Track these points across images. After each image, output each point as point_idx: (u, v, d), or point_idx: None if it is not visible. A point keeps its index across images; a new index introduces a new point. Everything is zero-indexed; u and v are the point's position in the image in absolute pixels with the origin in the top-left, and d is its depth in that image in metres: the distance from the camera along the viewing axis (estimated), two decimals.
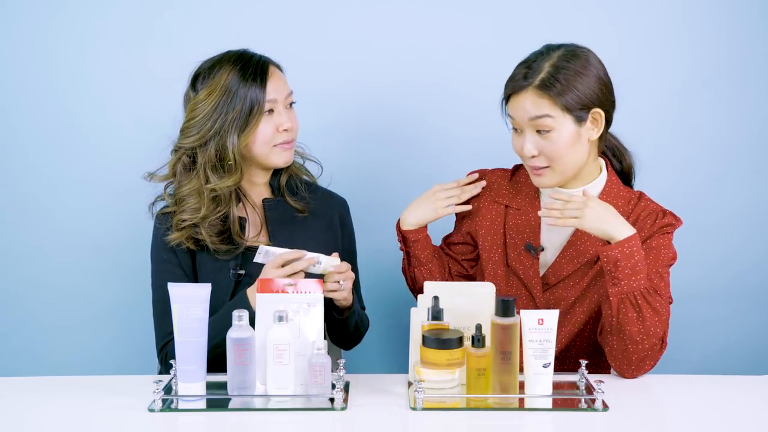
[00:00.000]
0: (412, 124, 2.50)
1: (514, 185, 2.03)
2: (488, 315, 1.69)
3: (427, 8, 2.46)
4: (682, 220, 1.93)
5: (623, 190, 1.96)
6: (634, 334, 1.78)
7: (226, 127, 1.89)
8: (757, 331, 2.59)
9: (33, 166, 2.48)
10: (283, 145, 1.95)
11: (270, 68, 1.95)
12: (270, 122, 1.93)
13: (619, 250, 1.77)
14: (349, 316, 1.94)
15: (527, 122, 1.84)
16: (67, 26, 2.44)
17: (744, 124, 2.52)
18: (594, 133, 1.87)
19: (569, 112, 1.82)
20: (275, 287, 1.72)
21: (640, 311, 1.77)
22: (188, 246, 1.93)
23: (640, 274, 1.77)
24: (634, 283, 1.77)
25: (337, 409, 1.63)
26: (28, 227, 2.49)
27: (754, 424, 1.62)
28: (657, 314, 1.78)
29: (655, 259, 1.87)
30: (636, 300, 1.77)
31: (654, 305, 1.78)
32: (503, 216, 2.01)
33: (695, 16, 2.48)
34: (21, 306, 2.52)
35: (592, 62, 1.86)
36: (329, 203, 2.09)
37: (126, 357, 2.51)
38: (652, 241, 1.89)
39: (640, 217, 1.92)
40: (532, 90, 1.82)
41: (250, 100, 1.89)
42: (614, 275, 1.78)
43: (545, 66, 1.83)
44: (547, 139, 1.84)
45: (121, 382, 1.79)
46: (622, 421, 1.62)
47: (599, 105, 1.85)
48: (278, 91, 1.94)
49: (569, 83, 1.81)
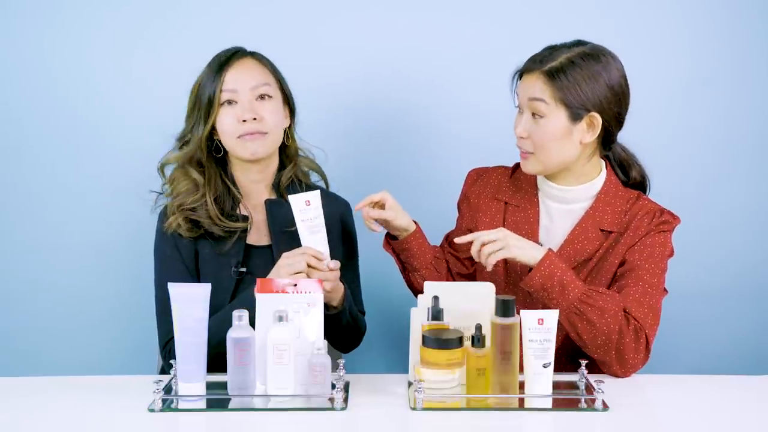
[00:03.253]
0: (415, 126, 2.50)
1: (514, 182, 2.04)
2: (488, 315, 1.69)
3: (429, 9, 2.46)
4: (680, 219, 1.95)
5: (622, 191, 1.97)
6: (595, 338, 1.80)
7: (197, 117, 1.95)
8: (757, 331, 2.58)
9: (35, 166, 2.48)
10: (245, 136, 1.94)
11: (236, 58, 1.96)
12: (231, 113, 1.94)
13: (539, 274, 1.80)
14: (341, 312, 1.94)
15: (527, 102, 1.89)
16: (71, 25, 2.44)
17: (744, 124, 2.52)
18: (587, 136, 1.89)
19: (565, 106, 1.85)
20: (275, 287, 1.72)
21: (587, 317, 1.79)
22: (187, 230, 1.95)
23: (569, 285, 1.80)
24: (570, 295, 1.80)
25: (337, 409, 1.63)
26: (29, 227, 2.49)
27: (754, 424, 1.62)
28: (602, 311, 1.79)
29: (648, 256, 1.88)
30: (579, 309, 1.80)
31: (596, 304, 1.80)
32: (503, 213, 2.02)
33: (696, 16, 2.48)
34: (21, 306, 2.52)
35: (609, 70, 1.88)
36: (331, 205, 2.09)
37: (126, 357, 2.51)
38: (647, 238, 1.90)
39: (638, 216, 1.93)
40: (540, 73, 1.87)
41: (210, 89, 1.94)
42: (549, 299, 1.81)
43: (562, 56, 1.87)
44: (538, 124, 1.88)
45: (121, 382, 1.79)
46: (622, 421, 1.62)
47: (599, 111, 1.87)
48: (239, 81, 1.94)
49: (575, 81, 1.85)
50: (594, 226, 1.93)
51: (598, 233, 1.93)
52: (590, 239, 1.93)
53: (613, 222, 1.93)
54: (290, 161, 2.06)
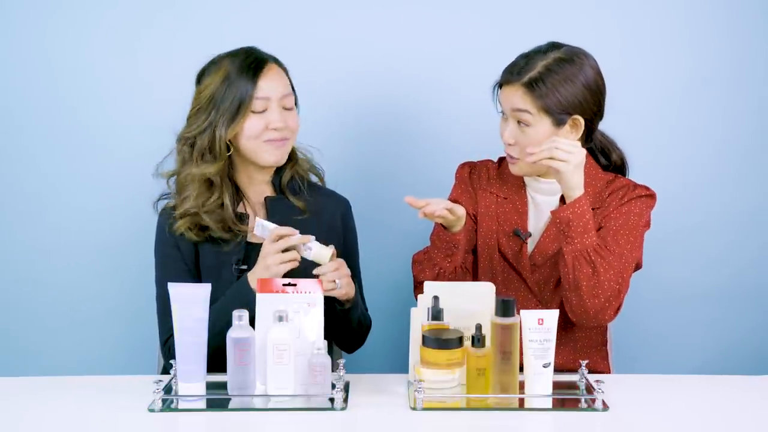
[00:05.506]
0: (416, 124, 2.50)
1: (501, 175, 2.09)
2: (488, 315, 1.69)
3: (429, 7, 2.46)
4: (656, 194, 2.00)
5: (601, 173, 2.03)
6: (591, 288, 1.86)
7: (218, 117, 1.93)
8: (757, 331, 2.58)
9: (36, 166, 2.48)
10: (273, 142, 1.95)
11: (267, 65, 1.96)
12: (261, 119, 1.94)
13: (571, 210, 1.87)
14: (352, 308, 1.94)
15: (510, 112, 1.94)
16: (71, 24, 2.44)
17: (744, 124, 2.52)
18: (572, 137, 1.95)
19: (548, 114, 1.91)
20: (275, 287, 1.72)
21: (595, 267, 1.86)
22: (194, 234, 1.95)
23: (591, 231, 1.87)
24: (586, 240, 1.86)
25: (337, 409, 1.63)
26: (29, 227, 2.49)
27: (754, 424, 1.62)
28: (611, 268, 1.86)
29: (624, 223, 1.94)
30: (590, 256, 1.86)
31: (607, 259, 1.87)
32: (495, 204, 2.06)
33: (696, 16, 2.48)
34: (21, 306, 2.52)
35: (584, 70, 1.93)
36: (331, 203, 2.09)
37: (126, 357, 2.51)
38: (622, 207, 1.96)
39: (613, 191, 1.99)
40: (519, 86, 1.92)
41: (240, 94, 1.92)
42: (567, 234, 1.87)
43: (538, 65, 1.91)
44: (524, 133, 1.93)
45: (121, 382, 1.79)
46: (622, 421, 1.62)
47: (580, 112, 1.93)
48: (272, 89, 1.95)
49: (554, 87, 1.90)
50: None
51: None
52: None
53: (593, 200, 1.98)
54: (290, 159, 2.07)
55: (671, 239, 2.46)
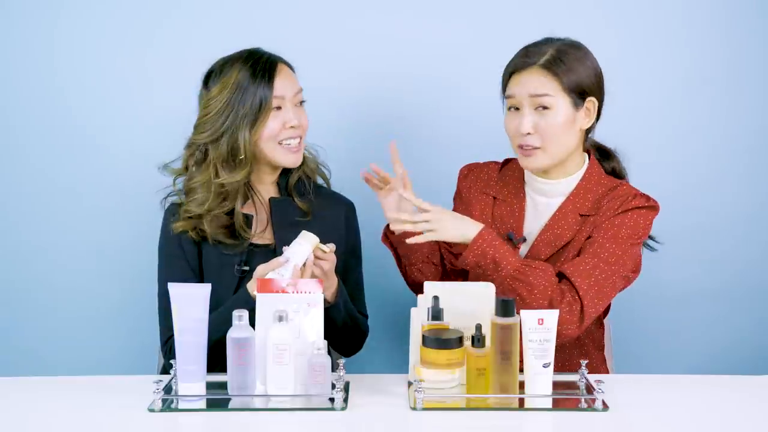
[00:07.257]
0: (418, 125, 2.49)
1: (502, 177, 2.08)
2: (488, 315, 1.69)
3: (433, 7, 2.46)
4: (658, 205, 1.96)
5: (604, 178, 2.00)
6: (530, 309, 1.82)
7: (237, 122, 1.93)
8: (757, 331, 2.58)
9: (37, 165, 2.48)
10: (290, 140, 1.97)
11: (279, 66, 1.98)
12: (278, 119, 1.96)
13: (472, 253, 1.86)
14: (332, 308, 1.92)
15: (527, 99, 1.91)
16: (73, 24, 2.44)
17: (744, 124, 2.52)
18: (586, 122, 1.94)
19: (569, 93, 1.90)
20: (275, 287, 1.72)
21: (518, 292, 1.84)
22: (192, 236, 1.96)
23: (502, 262, 1.85)
24: (502, 272, 1.85)
25: (337, 409, 1.63)
26: (30, 227, 2.49)
27: (754, 424, 1.62)
28: (531, 287, 1.83)
29: (613, 236, 1.90)
30: (511, 285, 1.84)
31: (526, 280, 1.84)
32: (491, 207, 2.05)
33: (695, 15, 2.48)
34: (22, 306, 2.52)
35: (589, 55, 1.95)
36: (335, 205, 2.10)
37: (126, 357, 2.51)
38: (615, 218, 1.92)
39: (612, 199, 1.95)
40: (536, 68, 1.90)
41: (260, 97, 1.93)
42: (484, 275, 1.86)
43: (549, 49, 1.91)
44: (545, 118, 1.90)
45: (121, 382, 1.80)
46: (622, 421, 1.62)
47: (594, 94, 1.93)
48: (286, 88, 1.97)
49: (572, 65, 1.90)
50: (573, 211, 1.96)
51: (577, 218, 1.96)
52: (569, 224, 1.95)
53: (591, 207, 1.96)
54: None
55: (671, 239, 2.45)
